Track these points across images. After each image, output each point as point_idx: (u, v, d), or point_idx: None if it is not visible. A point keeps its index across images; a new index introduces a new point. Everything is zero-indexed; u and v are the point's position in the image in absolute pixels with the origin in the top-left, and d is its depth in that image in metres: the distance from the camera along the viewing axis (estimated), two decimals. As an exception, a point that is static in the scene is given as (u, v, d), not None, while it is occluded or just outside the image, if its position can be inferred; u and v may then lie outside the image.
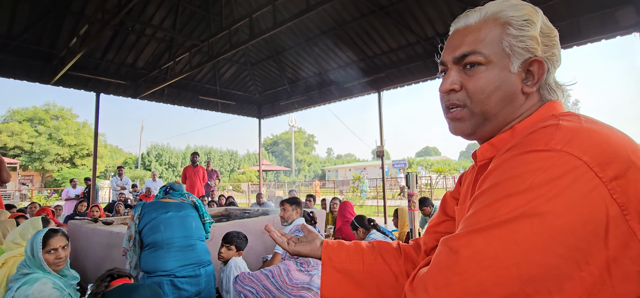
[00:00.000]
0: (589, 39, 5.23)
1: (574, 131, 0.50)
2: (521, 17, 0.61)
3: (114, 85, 7.69)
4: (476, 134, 0.66)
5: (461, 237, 0.49)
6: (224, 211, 5.83)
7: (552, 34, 0.62)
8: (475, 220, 0.49)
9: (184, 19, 7.45)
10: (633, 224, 0.44)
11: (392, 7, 6.19)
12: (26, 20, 5.77)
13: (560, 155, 0.47)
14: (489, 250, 0.46)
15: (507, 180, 0.49)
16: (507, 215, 0.46)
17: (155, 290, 1.75)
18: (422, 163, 32.92)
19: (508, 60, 0.61)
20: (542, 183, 0.46)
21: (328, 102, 9.28)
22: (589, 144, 0.48)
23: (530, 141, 0.52)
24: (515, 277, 0.43)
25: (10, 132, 24.59)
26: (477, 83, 0.62)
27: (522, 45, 0.60)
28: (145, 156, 34.05)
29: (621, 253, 0.43)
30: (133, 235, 2.24)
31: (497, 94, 0.61)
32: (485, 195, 0.51)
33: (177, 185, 2.55)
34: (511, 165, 0.50)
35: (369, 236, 3.23)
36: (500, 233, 0.46)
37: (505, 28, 0.61)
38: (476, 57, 0.62)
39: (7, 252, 2.32)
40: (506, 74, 0.61)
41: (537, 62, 0.60)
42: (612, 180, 0.45)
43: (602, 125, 0.52)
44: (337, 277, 0.81)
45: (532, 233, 0.44)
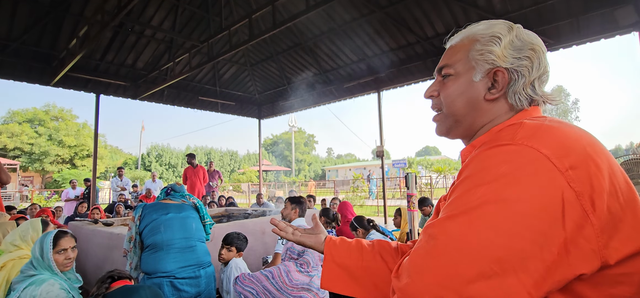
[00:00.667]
0: (588, 39, 5.23)
1: (536, 128, 0.57)
2: (489, 34, 0.69)
3: (113, 86, 7.69)
4: (450, 134, 0.75)
5: (437, 224, 0.55)
6: (224, 212, 5.83)
7: (525, 48, 0.67)
8: (450, 209, 0.55)
9: (183, 20, 7.45)
10: (587, 207, 0.50)
11: (392, 7, 6.19)
12: (26, 21, 5.78)
13: (522, 149, 0.53)
14: (460, 233, 0.51)
15: (477, 172, 0.55)
16: (475, 202, 0.52)
17: (156, 291, 1.75)
18: (422, 163, 32.92)
19: (472, 71, 0.69)
20: (506, 173, 0.52)
21: (328, 102, 9.29)
22: (548, 139, 0.54)
23: (497, 137, 0.60)
24: (484, 256, 0.48)
25: (10, 133, 24.58)
26: (447, 90, 0.73)
27: (483, 58, 0.68)
28: (145, 157, 34.04)
29: (577, 233, 0.49)
30: (134, 237, 2.24)
31: (460, 100, 0.71)
32: (459, 187, 0.57)
33: (178, 186, 2.55)
34: (480, 158, 0.57)
35: (369, 236, 3.23)
36: (470, 218, 0.51)
37: (473, 44, 0.70)
38: (448, 69, 0.73)
39: (5, 254, 2.32)
40: (469, 83, 0.70)
41: (500, 72, 0.67)
42: (569, 169, 0.51)
43: (564, 124, 0.59)
44: (336, 270, 0.88)
45: (497, 217, 0.49)
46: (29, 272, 1.90)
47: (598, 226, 0.50)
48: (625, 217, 0.53)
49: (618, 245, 0.51)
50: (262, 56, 9.11)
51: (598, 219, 0.50)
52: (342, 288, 0.87)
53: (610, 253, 0.51)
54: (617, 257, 0.51)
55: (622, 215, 0.52)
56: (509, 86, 0.67)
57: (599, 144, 0.57)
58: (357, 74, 8.20)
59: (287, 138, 49.24)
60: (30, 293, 1.78)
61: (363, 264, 0.87)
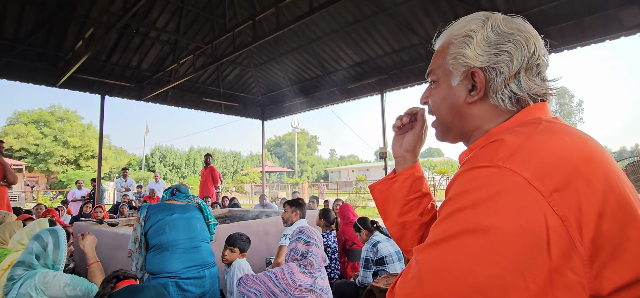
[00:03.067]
0: (593, 40, 5.21)
1: (517, 146, 0.52)
2: (462, 34, 0.66)
3: (118, 88, 7.75)
4: (447, 140, 0.74)
5: (422, 250, 0.53)
6: (227, 212, 5.86)
7: (501, 40, 0.63)
8: (433, 234, 0.53)
9: (187, 22, 7.50)
10: (574, 235, 0.45)
11: (395, 8, 6.19)
12: (33, 23, 5.84)
13: (500, 172, 0.50)
14: (441, 262, 0.49)
15: (457, 195, 0.53)
16: (455, 229, 0.50)
17: (161, 291, 1.77)
18: (425, 165, 32.82)
19: (451, 75, 0.68)
20: (484, 199, 0.49)
21: (331, 103, 9.30)
22: (530, 158, 0.50)
23: (478, 157, 0.56)
24: (464, 285, 0.46)
25: (16, 134, 24.82)
26: (433, 97, 0.73)
27: (455, 61, 0.66)
28: (149, 157, 34.23)
29: (563, 263, 0.45)
30: (139, 237, 2.26)
31: (444, 106, 0.70)
32: (443, 209, 0.55)
33: (183, 187, 2.57)
34: (461, 181, 0.54)
35: (372, 237, 3.23)
36: (450, 246, 0.49)
37: (448, 48, 0.68)
38: (432, 76, 0.73)
39: (13, 253, 2.35)
40: (449, 88, 0.68)
41: (477, 72, 0.64)
42: (553, 192, 0.47)
43: (556, 133, 0.54)
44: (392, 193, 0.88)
45: (476, 246, 0.47)
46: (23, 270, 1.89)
47: (586, 256, 0.45)
48: (624, 240, 0.47)
49: (613, 275, 0.46)
50: (265, 57, 9.14)
51: (586, 248, 0.46)
52: (384, 198, 0.89)
53: (602, 284, 0.46)
54: (611, 287, 0.46)
55: (620, 238, 0.47)
56: (488, 86, 0.63)
57: (597, 155, 0.52)
58: (360, 76, 8.21)
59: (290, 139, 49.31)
60: (28, 286, 1.79)
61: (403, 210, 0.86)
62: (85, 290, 1.86)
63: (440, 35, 0.74)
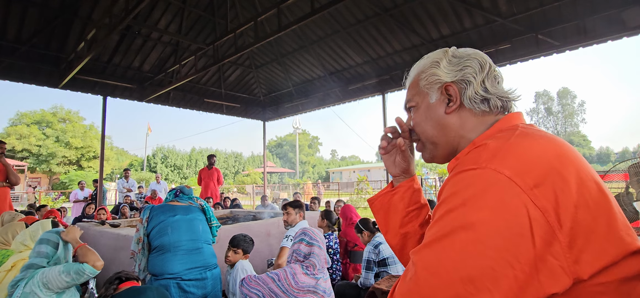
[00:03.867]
0: (594, 40, 5.19)
1: (497, 148, 0.59)
2: (426, 64, 0.78)
3: (120, 89, 7.77)
4: (435, 159, 0.80)
5: (418, 252, 0.57)
6: (229, 213, 5.86)
7: (462, 59, 0.74)
8: (428, 235, 0.58)
9: (189, 23, 7.51)
10: (553, 223, 0.50)
11: (396, 9, 6.19)
12: (35, 25, 5.86)
13: (485, 172, 0.55)
14: (435, 260, 0.54)
15: (448, 197, 0.58)
16: (446, 228, 0.54)
17: (163, 293, 1.77)
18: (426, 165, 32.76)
19: (427, 96, 0.77)
20: (470, 198, 0.54)
21: (332, 104, 9.29)
22: (510, 159, 0.55)
23: (464, 162, 0.62)
24: (457, 279, 0.50)
25: (19, 135, 24.92)
26: (415, 120, 0.80)
27: (430, 81, 0.76)
28: (151, 158, 34.30)
29: (546, 250, 0.50)
30: (142, 238, 2.26)
31: (427, 124, 0.77)
32: (437, 212, 0.59)
33: (187, 189, 2.57)
34: (452, 183, 0.59)
35: (374, 239, 3.23)
36: (442, 245, 0.54)
37: (420, 76, 0.79)
38: (410, 103, 0.81)
39: (16, 254, 2.35)
40: (428, 106, 0.77)
41: (449, 86, 0.73)
42: (533, 188, 0.52)
43: (530, 136, 0.60)
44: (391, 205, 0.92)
45: (466, 241, 0.51)
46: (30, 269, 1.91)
47: (565, 242, 0.50)
48: (597, 227, 0.52)
49: (590, 259, 0.51)
50: (267, 58, 9.15)
51: (565, 235, 0.50)
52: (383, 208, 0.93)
53: (582, 268, 0.51)
54: (590, 271, 0.51)
55: (593, 226, 0.52)
56: (462, 95, 0.72)
57: (568, 154, 0.57)
58: (362, 76, 8.20)
59: (292, 140, 49.33)
60: (32, 284, 1.81)
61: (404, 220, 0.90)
62: (77, 270, 1.91)
63: (408, 76, 0.84)
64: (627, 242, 0.53)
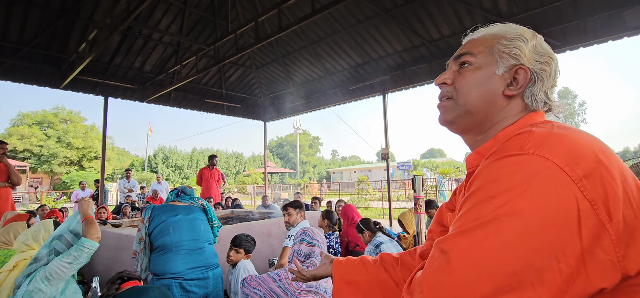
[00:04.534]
0: (595, 40, 5.19)
1: (545, 136, 0.56)
2: (515, 33, 0.70)
3: (121, 89, 7.79)
4: (456, 124, 0.74)
5: (450, 239, 0.54)
6: (230, 213, 5.87)
7: (546, 55, 0.69)
8: (462, 223, 0.54)
9: (190, 24, 7.53)
10: (602, 217, 0.48)
11: (397, 9, 6.19)
12: (37, 26, 5.88)
13: (532, 158, 0.52)
14: (475, 248, 0.50)
15: (488, 183, 0.54)
16: (489, 215, 0.51)
17: (164, 292, 1.78)
18: (427, 165, 32.74)
19: (495, 64, 0.69)
20: (517, 184, 0.50)
21: (333, 104, 9.30)
22: (559, 147, 0.53)
23: (507, 147, 0.58)
24: (500, 271, 0.47)
25: (20, 136, 24.98)
26: (465, 79, 0.71)
27: (508, 52, 0.68)
28: (152, 158, 34.34)
29: (594, 244, 0.48)
30: (143, 238, 2.27)
31: (477, 91, 0.70)
32: (470, 199, 0.55)
33: (189, 189, 2.58)
34: (491, 169, 0.56)
35: (375, 239, 3.23)
36: (484, 232, 0.50)
37: (499, 39, 0.70)
38: (468, 58, 0.72)
39: (18, 254, 2.36)
40: (490, 75, 0.69)
41: (523, 70, 0.67)
42: (582, 178, 0.50)
43: (572, 130, 0.58)
44: (346, 288, 0.95)
45: (511, 230, 0.48)
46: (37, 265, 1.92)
47: (615, 236, 0.49)
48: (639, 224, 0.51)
49: (636, 255, 0.50)
50: (267, 59, 9.16)
51: (615, 229, 0.49)
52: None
53: (629, 264, 0.49)
54: (637, 267, 0.49)
55: (637, 224, 0.51)
56: (528, 86, 0.68)
57: (609, 150, 0.56)
58: (362, 77, 8.21)
59: (292, 140, 49.34)
60: (37, 280, 1.82)
61: (369, 278, 0.95)
62: (76, 248, 1.91)
63: (479, 30, 0.76)
64: None
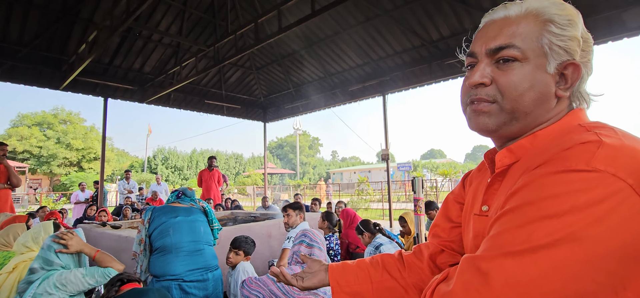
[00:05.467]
0: (595, 41, 5.14)
1: (617, 149, 0.46)
2: (565, 17, 0.58)
3: (121, 90, 7.79)
4: (499, 132, 0.62)
5: (492, 259, 0.46)
6: (230, 215, 5.87)
7: (590, 41, 0.60)
8: (506, 242, 0.46)
9: (190, 25, 7.53)
10: None
11: (396, 10, 6.20)
12: (37, 27, 5.89)
13: (603, 177, 0.44)
14: (525, 276, 0.43)
15: (543, 200, 0.46)
16: (544, 239, 0.43)
17: (164, 294, 1.77)
18: (427, 166, 32.77)
19: (545, 59, 0.58)
20: (583, 206, 0.42)
21: (333, 105, 9.30)
22: (632, 164, 0.44)
23: (568, 157, 0.48)
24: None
25: (20, 137, 24.99)
26: (511, 78, 0.58)
27: (562, 45, 0.57)
28: (151, 159, 34.34)
29: None
30: (143, 239, 2.27)
31: (530, 93, 0.58)
32: (517, 214, 0.47)
33: (189, 191, 2.58)
34: (547, 183, 0.47)
35: (375, 240, 3.23)
36: (537, 258, 0.43)
37: (547, 25, 0.58)
38: (512, 52, 0.58)
39: (17, 256, 2.35)
40: (541, 73, 0.58)
41: (574, 66, 0.58)
42: None
43: (636, 139, 0.50)
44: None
45: (572, 260, 0.41)
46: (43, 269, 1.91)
47: None
48: None
49: None
50: (267, 60, 9.17)
51: None
52: None
53: None
54: None
55: None
56: (578, 83, 0.59)
57: None
58: (362, 77, 8.21)
59: (292, 141, 49.35)
60: (48, 283, 1.81)
61: (373, 286, 0.83)
62: (102, 274, 1.92)
63: (515, 3, 0.62)
64: None
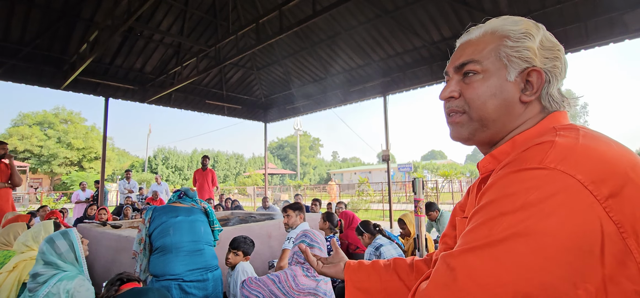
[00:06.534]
0: (596, 43, 5.19)
1: (569, 148, 0.50)
2: (519, 30, 0.64)
3: (122, 90, 7.80)
4: (473, 139, 0.68)
5: (458, 255, 0.50)
6: (229, 215, 5.86)
7: (554, 48, 0.64)
8: (471, 238, 0.50)
9: (191, 25, 7.53)
10: (630, 242, 0.44)
11: (398, 11, 6.20)
12: (38, 27, 5.89)
13: (554, 174, 0.47)
14: (485, 269, 0.46)
15: (502, 198, 0.50)
16: (501, 234, 0.47)
17: (164, 294, 1.77)
18: (427, 167, 32.73)
19: (505, 69, 0.63)
20: (535, 202, 0.46)
21: (334, 106, 9.30)
22: (583, 162, 0.48)
23: (524, 158, 0.53)
24: (510, 294, 0.44)
25: (21, 136, 25.04)
26: (474, 90, 0.65)
27: (518, 55, 0.62)
28: (152, 159, 34.36)
29: (618, 271, 0.43)
30: (144, 239, 2.27)
31: (493, 101, 0.64)
32: (481, 213, 0.51)
33: (191, 191, 2.58)
34: (505, 183, 0.51)
35: (375, 241, 3.22)
36: (495, 252, 0.46)
37: (503, 40, 0.64)
38: (473, 66, 0.65)
39: (17, 255, 2.36)
40: (503, 82, 0.63)
41: (536, 72, 0.62)
42: (608, 198, 0.45)
43: (600, 140, 0.53)
44: (358, 295, 0.90)
45: (526, 253, 0.44)
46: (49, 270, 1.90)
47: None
48: None
49: None
50: (268, 60, 9.17)
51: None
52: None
53: None
54: None
55: None
56: (543, 88, 0.63)
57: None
58: (363, 78, 8.21)
59: (293, 141, 49.35)
60: (63, 287, 1.80)
61: (382, 286, 0.89)
62: None
63: (477, 27, 0.69)
64: None
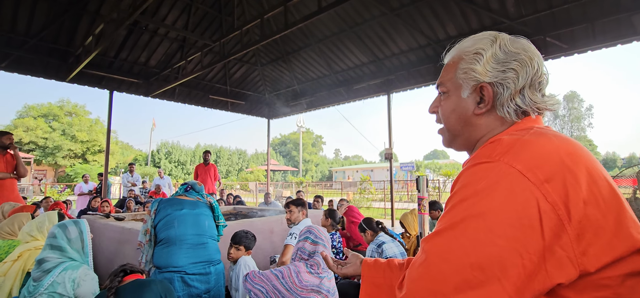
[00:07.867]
0: (604, 44, 5.14)
1: (511, 144, 0.61)
2: (472, 51, 0.72)
3: (126, 84, 7.82)
4: (453, 147, 0.80)
5: (428, 240, 0.61)
6: (232, 210, 5.88)
7: (509, 59, 0.68)
8: (439, 225, 0.61)
9: (196, 19, 7.54)
10: (563, 217, 0.53)
11: (403, 9, 6.16)
12: (44, 19, 5.92)
13: (497, 165, 0.58)
14: (446, 246, 0.57)
15: (461, 189, 0.61)
16: (458, 216, 0.58)
17: (167, 286, 1.78)
18: (430, 166, 32.63)
19: (461, 88, 0.73)
20: (483, 189, 0.57)
21: (337, 103, 9.28)
22: (522, 154, 0.58)
23: (478, 155, 0.64)
24: (467, 265, 0.53)
25: (26, 128, 25.19)
26: (443, 107, 0.78)
27: (466, 76, 0.72)
28: (155, 153, 34.48)
29: (554, 242, 0.52)
30: (149, 230, 2.28)
31: (453, 116, 0.75)
32: (447, 203, 0.63)
33: (198, 185, 2.59)
34: (463, 176, 0.62)
35: (377, 238, 3.22)
36: (455, 232, 0.57)
37: (459, 63, 0.74)
38: (442, 88, 0.78)
39: (22, 244, 2.37)
40: (459, 100, 0.74)
41: (485, 87, 0.69)
42: (544, 182, 0.54)
43: (544, 136, 0.61)
44: (373, 289, 0.99)
45: (477, 229, 0.54)
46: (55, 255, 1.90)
47: (573, 234, 0.53)
48: (606, 224, 0.54)
49: (598, 253, 0.53)
50: (272, 56, 9.16)
51: (574, 228, 0.53)
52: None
53: (589, 261, 0.53)
54: (597, 264, 0.53)
55: (603, 222, 0.54)
56: (496, 99, 0.69)
57: (579, 153, 0.59)
58: (367, 76, 8.18)
59: (295, 138, 49.33)
60: (68, 276, 1.81)
61: (393, 282, 0.96)
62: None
63: (450, 51, 0.80)
64: (636, 239, 0.55)
